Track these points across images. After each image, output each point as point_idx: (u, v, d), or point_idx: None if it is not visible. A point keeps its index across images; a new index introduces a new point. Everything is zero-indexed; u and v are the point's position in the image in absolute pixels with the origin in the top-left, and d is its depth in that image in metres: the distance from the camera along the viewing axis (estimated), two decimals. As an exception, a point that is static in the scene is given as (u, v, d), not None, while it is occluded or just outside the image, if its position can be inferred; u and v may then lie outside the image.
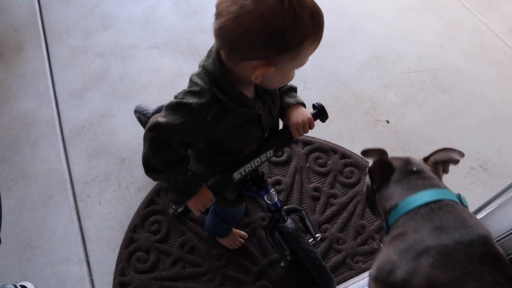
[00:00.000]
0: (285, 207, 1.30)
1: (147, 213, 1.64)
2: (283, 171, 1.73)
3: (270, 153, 1.06)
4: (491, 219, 1.18)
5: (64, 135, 1.90)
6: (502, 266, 0.87)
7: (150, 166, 0.96)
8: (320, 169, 1.73)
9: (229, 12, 0.77)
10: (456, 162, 1.07)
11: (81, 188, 1.74)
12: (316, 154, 1.77)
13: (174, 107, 0.90)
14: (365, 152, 1.07)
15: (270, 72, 0.84)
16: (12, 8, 2.48)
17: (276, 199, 1.22)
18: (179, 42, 2.23)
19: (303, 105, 1.09)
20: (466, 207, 0.98)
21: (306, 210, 1.60)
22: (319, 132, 1.82)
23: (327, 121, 1.12)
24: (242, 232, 1.55)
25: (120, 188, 1.72)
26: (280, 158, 1.75)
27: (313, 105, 1.11)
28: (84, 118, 1.95)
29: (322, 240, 1.56)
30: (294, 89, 1.11)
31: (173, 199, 1.65)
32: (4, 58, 2.21)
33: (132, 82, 2.08)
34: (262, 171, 1.19)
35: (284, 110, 1.08)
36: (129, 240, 1.58)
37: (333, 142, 1.81)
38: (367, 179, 1.14)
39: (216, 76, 0.88)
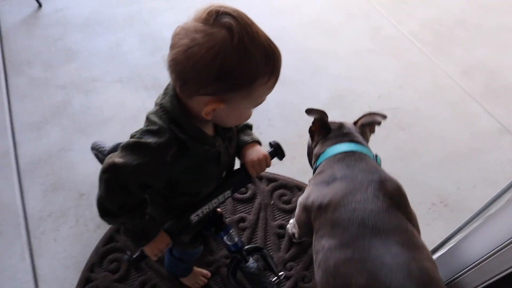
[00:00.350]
0: (246, 247, 1.27)
1: (106, 251, 1.57)
2: (247, 208, 1.71)
3: (228, 194, 1.05)
4: (453, 254, 1.20)
5: (19, 168, 1.82)
6: (387, 191, 1.11)
7: (105, 209, 0.89)
8: (285, 206, 1.72)
9: (180, 45, 0.77)
10: (378, 123, 1.39)
11: (36, 224, 1.65)
12: (281, 191, 1.77)
13: (132, 147, 0.85)
14: (309, 111, 1.31)
15: (223, 109, 0.83)
16: (-30, 37, 2.42)
17: (236, 239, 1.19)
18: (143, 77, 2.23)
19: (259, 143, 1.08)
20: (379, 164, 1.27)
21: (270, 248, 1.58)
22: (283, 169, 1.82)
23: (290, 158, 1.12)
24: (205, 271, 1.51)
25: (77, 225, 1.65)
26: (244, 195, 1.73)
27: (270, 144, 1.10)
28: (42, 151, 1.88)
29: (287, 278, 1.53)
30: (249, 127, 1.10)
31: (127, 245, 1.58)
32: (-42, 88, 2.13)
33: (94, 116, 2.04)
34: (220, 212, 1.17)
35: (240, 148, 1.06)
36: (86, 280, 1.50)
37: (298, 179, 1.81)
38: (309, 138, 1.40)
39: (175, 114, 0.85)
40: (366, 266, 0.96)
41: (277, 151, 1.08)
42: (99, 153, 1.57)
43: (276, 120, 2.07)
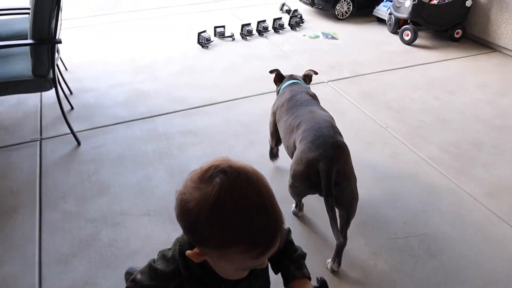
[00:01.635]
0: None
1: None
2: None
3: None
4: None
5: (43, 305, 1.81)
6: (310, 94, 2.26)
7: None
8: None
9: (180, 190, 0.81)
10: (312, 74, 2.50)
11: None
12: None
13: (148, 268, 0.93)
14: (271, 71, 2.49)
15: (212, 261, 0.84)
16: (14, 171, 2.60)
17: None
18: (170, 210, 2.28)
19: (309, 278, 1.08)
20: (308, 87, 2.42)
21: None
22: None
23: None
24: None
25: None
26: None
27: (317, 279, 1.10)
28: (67, 285, 1.88)
29: None
30: (303, 257, 1.10)
31: None
32: (-4, 221, 2.23)
33: (121, 249, 2.07)
34: None
35: (289, 280, 1.07)
36: None
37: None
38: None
39: (184, 248, 0.89)
40: (301, 117, 2.02)
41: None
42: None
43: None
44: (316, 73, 2.49)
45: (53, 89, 2.71)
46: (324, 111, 2.08)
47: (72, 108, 3.30)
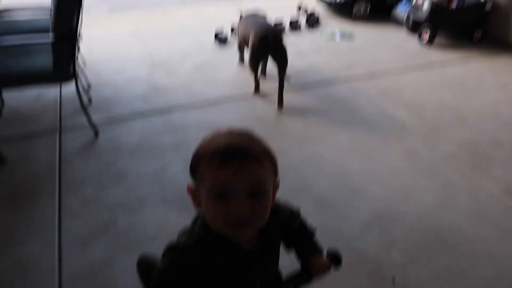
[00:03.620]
0: None
1: None
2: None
3: None
4: None
5: (62, 282, 1.84)
6: (262, 16, 3.64)
7: None
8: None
9: None
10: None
11: None
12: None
13: (168, 248, 0.93)
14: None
15: (202, 201, 0.88)
16: (35, 159, 2.66)
17: None
18: (186, 199, 2.30)
19: (322, 252, 1.11)
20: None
21: None
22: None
23: (331, 279, 1.12)
24: None
25: None
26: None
27: (327, 251, 1.12)
28: (85, 266, 1.92)
29: None
30: (314, 233, 1.14)
31: None
32: (17, 203, 2.29)
33: (137, 235, 2.10)
34: None
35: (302, 256, 1.09)
36: None
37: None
38: None
39: (203, 222, 0.91)
40: (252, 24, 3.41)
41: (336, 260, 1.11)
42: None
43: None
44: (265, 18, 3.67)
45: (73, 82, 2.76)
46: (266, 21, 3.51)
47: (90, 101, 3.36)
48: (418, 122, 3.09)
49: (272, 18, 4.07)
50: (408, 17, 4.78)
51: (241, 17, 3.80)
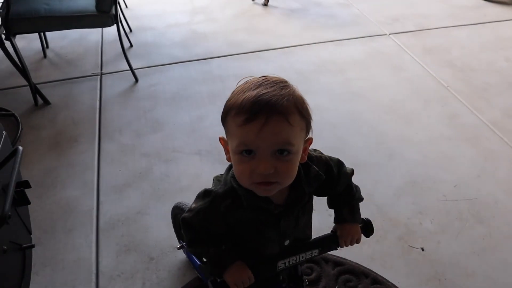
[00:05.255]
0: None
1: (167, 318, 1.60)
2: (310, 290, 1.67)
3: (315, 252, 1.07)
4: None
5: (99, 226, 1.95)
6: None
7: (187, 239, 1.03)
8: (350, 292, 1.66)
9: None
10: None
11: (106, 282, 1.73)
12: (347, 276, 1.72)
13: (202, 193, 0.98)
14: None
15: (231, 155, 0.89)
16: (76, 104, 2.74)
17: None
18: (221, 151, 2.31)
19: (360, 223, 1.11)
20: None
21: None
22: (351, 253, 1.78)
23: (360, 243, 1.12)
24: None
25: (143, 288, 1.71)
26: (309, 277, 1.70)
27: (362, 219, 1.13)
28: (121, 212, 2.01)
29: None
30: (359, 201, 1.12)
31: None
32: (59, 148, 2.39)
33: (172, 184, 2.16)
34: (301, 273, 1.16)
35: (339, 221, 1.10)
36: None
37: (365, 266, 1.76)
38: None
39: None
40: None
41: (368, 229, 1.12)
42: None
43: (346, 201, 2.05)
44: None
45: (114, 25, 2.76)
46: None
47: (131, 45, 3.37)
48: (464, 85, 2.94)
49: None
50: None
51: None
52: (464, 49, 3.38)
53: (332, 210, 1.14)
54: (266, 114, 0.79)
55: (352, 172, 1.08)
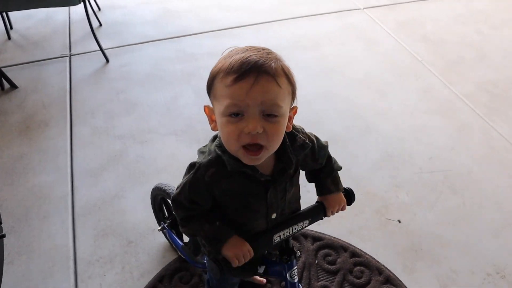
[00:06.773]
0: None
1: (148, 300, 1.59)
2: (290, 266, 1.68)
3: (306, 223, 1.08)
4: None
5: (74, 212, 1.91)
6: None
7: (179, 218, 1.03)
8: (329, 267, 1.68)
9: None
10: None
11: (84, 268, 1.70)
12: (326, 251, 1.74)
13: (189, 166, 0.97)
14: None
15: (217, 120, 0.88)
16: (45, 87, 2.65)
17: (296, 280, 1.15)
18: (197, 130, 2.32)
19: (341, 191, 1.14)
20: None
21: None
22: (330, 228, 1.80)
23: (338, 217, 1.14)
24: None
25: (123, 272, 1.69)
26: (289, 252, 1.71)
27: (344, 188, 1.15)
28: (97, 197, 1.97)
29: None
30: (338, 171, 1.14)
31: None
32: (30, 133, 2.31)
33: (148, 166, 2.13)
34: (293, 245, 1.17)
35: (324, 193, 1.12)
36: (126, 329, 1.52)
37: (344, 240, 1.78)
38: None
39: (219, 142, 0.93)
40: None
41: (350, 196, 1.16)
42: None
43: (323, 177, 2.06)
44: None
45: (81, 4, 2.66)
46: None
47: (100, 24, 3.27)
48: (437, 58, 2.97)
49: None
50: None
51: None
52: (437, 23, 3.40)
53: (310, 186, 1.14)
54: (256, 73, 0.80)
55: (327, 144, 1.09)
